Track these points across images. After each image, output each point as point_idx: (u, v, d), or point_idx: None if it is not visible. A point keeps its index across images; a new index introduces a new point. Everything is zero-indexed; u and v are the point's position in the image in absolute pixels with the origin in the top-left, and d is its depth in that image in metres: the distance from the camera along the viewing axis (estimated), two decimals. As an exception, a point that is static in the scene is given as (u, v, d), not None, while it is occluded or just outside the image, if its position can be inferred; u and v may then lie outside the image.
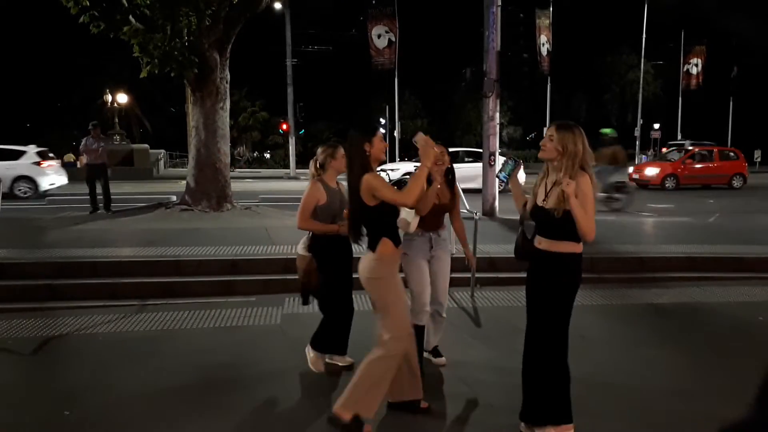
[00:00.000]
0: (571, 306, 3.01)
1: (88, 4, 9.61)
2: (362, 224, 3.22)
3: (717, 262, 7.34)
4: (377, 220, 3.15)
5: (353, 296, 4.16)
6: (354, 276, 4.13)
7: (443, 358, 4.26)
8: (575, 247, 2.95)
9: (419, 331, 4.02)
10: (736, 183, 20.25)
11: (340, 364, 4.16)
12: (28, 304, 5.78)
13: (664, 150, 27.59)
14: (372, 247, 3.16)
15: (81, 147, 11.36)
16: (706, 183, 20.15)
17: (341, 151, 3.92)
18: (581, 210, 2.81)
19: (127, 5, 10.03)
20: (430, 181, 3.59)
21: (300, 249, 4.05)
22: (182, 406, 3.58)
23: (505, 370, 3.98)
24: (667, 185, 19.32)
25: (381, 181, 3.09)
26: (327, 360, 4.17)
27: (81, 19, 9.70)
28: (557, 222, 2.89)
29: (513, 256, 3.31)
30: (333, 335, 4.09)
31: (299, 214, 3.92)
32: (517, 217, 3.31)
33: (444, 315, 4.16)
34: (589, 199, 2.85)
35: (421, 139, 3.12)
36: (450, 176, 4.04)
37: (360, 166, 3.12)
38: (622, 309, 5.79)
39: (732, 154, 21.16)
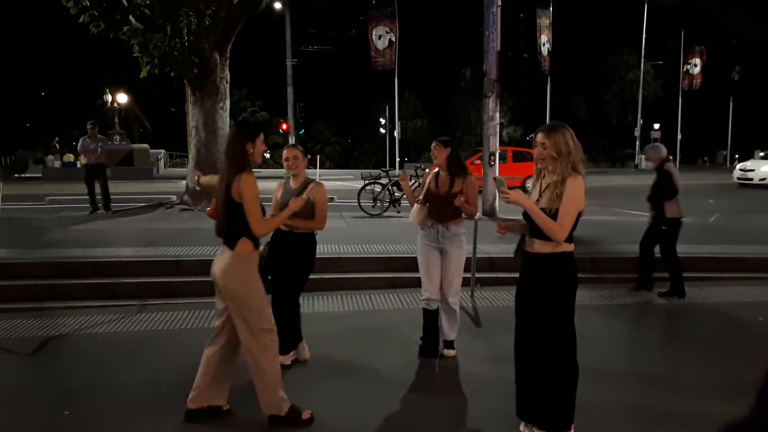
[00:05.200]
0: (573, 304, 3.01)
1: (88, 4, 9.62)
2: (227, 221, 3.19)
3: (717, 262, 7.34)
4: (241, 218, 3.12)
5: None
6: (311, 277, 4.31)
7: (453, 351, 4.39)
8: (567, 246, 2.95)
9: (428, 315, 4.27)
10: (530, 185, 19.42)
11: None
12: (28, 304, 5.78)
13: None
14: (230, 245, 3.20)
15: (79, 147, 11.37)
16: None
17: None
18: (540, 215, 2.85)
19: (127, 5, 10.04)
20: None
21: None
22: (182, 407, 3.57)
23: (506, 369, 3.97)
24: None
25: (254, 189, 3.09)
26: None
27: (81, 19, 9.71)
28: None
29: (513, 256, 3.31)
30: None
31: None
32: (517, 217, 3.31)
33: (454, 308, 4.29)
34: (574, 200, 2.86)
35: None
36: (454, 169, 4.23)
37: (239, 163, 3.14)
38: (622, 309, 5.79)
39: (528, 155, 19.26)
